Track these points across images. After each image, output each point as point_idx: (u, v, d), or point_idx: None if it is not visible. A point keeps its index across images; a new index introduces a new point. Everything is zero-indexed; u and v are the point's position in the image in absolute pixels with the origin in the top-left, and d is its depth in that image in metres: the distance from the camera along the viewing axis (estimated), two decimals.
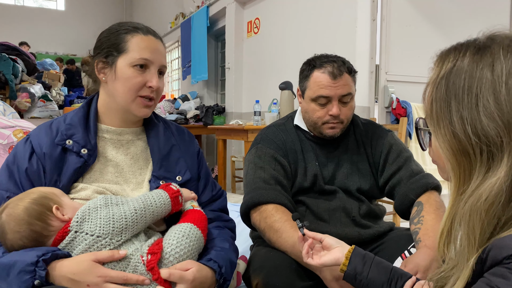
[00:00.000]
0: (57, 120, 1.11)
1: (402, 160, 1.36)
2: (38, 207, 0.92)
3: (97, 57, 1.08)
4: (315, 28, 3.70)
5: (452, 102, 0.62)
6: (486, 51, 0.62)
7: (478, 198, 0.59)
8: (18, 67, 4.97)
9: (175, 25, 6.99)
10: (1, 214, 0.92)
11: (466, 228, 0.61)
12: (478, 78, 0.61)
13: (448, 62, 0.65)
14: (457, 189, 0.64)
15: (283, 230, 1.17)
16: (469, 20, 3.46)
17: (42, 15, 10.70)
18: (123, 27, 1.08)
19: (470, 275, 0.60)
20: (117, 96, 1.07)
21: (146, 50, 1.06)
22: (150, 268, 0.91)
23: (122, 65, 1.05)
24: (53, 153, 1.03)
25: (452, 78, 0.63)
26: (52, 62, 7.56)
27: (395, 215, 2.94)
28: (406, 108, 3.20)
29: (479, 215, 0.59)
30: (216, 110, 5.25)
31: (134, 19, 10.85)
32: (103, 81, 1.09)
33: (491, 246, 0.57)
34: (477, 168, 0.61)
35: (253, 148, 1.40)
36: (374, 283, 0.89)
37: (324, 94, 1.31)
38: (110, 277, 0.88)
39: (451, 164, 0.64)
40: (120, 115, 1.12)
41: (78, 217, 0.92)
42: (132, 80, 1.05)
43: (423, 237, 1.13)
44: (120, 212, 0.94)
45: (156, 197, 1.00)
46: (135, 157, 1.13)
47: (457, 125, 0.61)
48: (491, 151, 0.59)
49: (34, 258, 0.85)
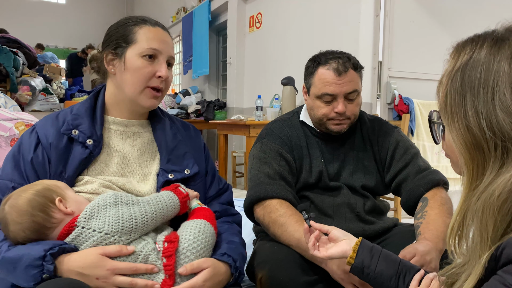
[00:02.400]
0: (63, 111, 1.10)
1: (409, 156, 1.35)
2: (40, 199, 0.92)
3: (105, 50, 1.08)
4: (318, 23, 3.68)
5: (467, 95, 0.61)
6: (505, 43, 0.60)
7: (491, 194, 0.58)
8: (19, 60, 4.95)
9: (176, 19, 6.96)
10: (4, 205, 0.92)
11: (478, 225, 0.60)
12: (495, 71, 0.59)
13: (464, 54, 0.64)
14: (470, 184, 0.63)
15: (288, 224, 1.16)
16: (473, 16, 3.44)
17: (43, 8, 10.64)
18: (131, 20, 1.09)
19: (482, 272, 0.59)
20: (125, 86, 1.07)
21: (154, 41, 1.06)
22: (168, 255, 0.92)
23: (131, 56, 1.05)
24: (59, 143, 1.02)
25: (468, 71, 0.62)
26: (53, 55, 7.53)
27: (397, 211, 2.94)
28: (408, 105, 3.19)
29: (492, 211, 0.58)
30: (217, 105, 5.25)
31: (135, 12, 10.80)
32: (111, 73, 1.09)
33: (506, 244, 0.56)
34: (490, 163, 0.60)
35: (258, 142, 1.40)
36: (382, 276, 0.89)
37: (329, 91, 1.29)
38: (119, 269, 0.88)
39: (464, 158, 0.63)
40: (128, 107, 1.11)
41: (87, 213, 0.92)
42: (141, 70, 1.05)
43: (423, 230, 1.13)
44: (130, 213, 0.93)
45: (167, 200, 1.00)
46: (141, 148, 1.12)
47: (472, 119, 0.60)
48: (506, 146, 0.58)
49: (42, 252, 0.85)
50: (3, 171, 1.02)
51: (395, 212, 2.96)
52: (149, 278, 0.91)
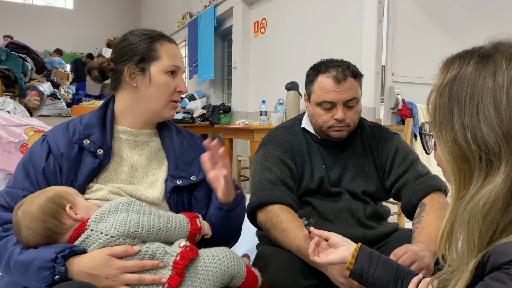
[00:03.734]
0: (73, 122, 1.14)
1: (409, 162, 1.38)
2: (52, 205, 0.95)
3: (125, 63, 1.11)
4: (322, 29, 3.71)
5: (455, 109, 0.64)
6: (490, 60, 0.63)
7: (476, 204, 0.61)
8: (27, 66, 5.03)
9: (182, 25, 7.02)
10: (17, 211, 0.96)
11: (465, 233, 0.63)
12: (480, 86, 0.62)
13: (452, 69, 0.67)
14: (457, 193, 0.66)
15: (289, 230, 1.19)
16: (476, 21, 3.46)
17: (50, 14, 10.78)
18: (149, 35, 1.13)
19: (469, 278, 0.62)
20: (150, 101, 1.12)
21: (174, 57, 1.14)
22: (177, 270, 0.95)
23: (155, 72, 1.11)
24: (70, 153, 1.06)
25: (455, 86, 0.65)
26: (60, 60, 7.62)
27: (400, 216, 2.95)
28: (411, 109, 3.20)
29: (477, 220, 0.61)
30: (222, 109, 5.28)
31: (141, 18, 10.89)
32: (133, 87, 1.12)
33: (491, 252, 0.59)
34: (476, 174, 0.63)
35: (261, 149, 1.43)
36: (381, 281, 0.91)
37: (328, 99, 1.32)
38: (127, 268, 0.92)
39: (452, 169, 0.66)
40: (145, 118, 1.16)
41: (97, 217, 0.96)
42: (166, 86, 1.12)
43: (417, 235, 1.16)
44: (138, 220, 0.96)
45: (177, 224, 1.02)
46: (149, 157, 1.16)
47: (458, 132, 0.63)
48: (489, 158, 0.61)
49: (53, 254, 0.89)
50: (15, 180, 1.06)
51: (398, 216, 2.97)
52: (155, 274, 0.95)
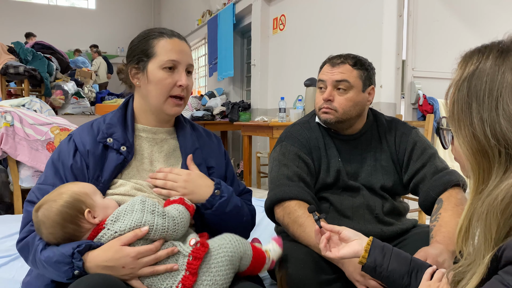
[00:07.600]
0: (97, 121, 1.19)
1: (427, 157, 1.37)
2: (71, 211, 0.98)
3: (129, 64, 1.17)
4: (341, 24, 3.69)
5: (473, 104, 0.64)
6: (509, 54, 0.63)
7: (495, 198, 0.61)
8: (52, 65, 5.17)
9: (202, 23, 7.08)
10: (38, 212, 0.99)
11: (483, 227, 0.64)
12: (499, 81, 0.62)
13: (471, 64, 0.67)
14: (476, 188, 0.66)
15: (307, 225, 1.21)
16: (499, 13, 3.37)
17: (73, 14, 11.02)
18: (149, 34, 1.16)
19: (485, 271, 0.62)
20: (150, 97, 1.15)
21: (172, 52, 1.13)
22: (191, 270, 0.98)
23: (152, 69, 1.13)
24: (96, 150, 1.11)
25: (474, 81, 0.65)
26: (84, 60, 7.80)
27: (421, 212, 2.92)
28: (433, 105, 3.15)
29: (495, 214, 0.61)
30: (241, 106, 5.31)
31: (162, 17, 11.03)
32: (137, 85, 1.17)
33: (506, 246, 0.59)
34: (495, 169, 0.63)
35: (278, 145, 1.44)
36: (395, 274, 0.91)
37: (321, 78, 1.39)
38: (141, 253, 0.95)
39: (470, 163, 0.66)
40: (154, 115, 1.19)
41: (114, 217, 1.00)
42: (162, 81, 1.13)
43: (435, 233, 1.15)
44: (153, 223, 0.98)
45: (184, 219, 1.04)
46: (167, 154, 1.20)
47: (477, 126, 0.63)
48: (509, 153, 0.61)
49: (70, 250, 0.94)
50: (45, 177, 1.11)
51: (419, 213, 2.94)
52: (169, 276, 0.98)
